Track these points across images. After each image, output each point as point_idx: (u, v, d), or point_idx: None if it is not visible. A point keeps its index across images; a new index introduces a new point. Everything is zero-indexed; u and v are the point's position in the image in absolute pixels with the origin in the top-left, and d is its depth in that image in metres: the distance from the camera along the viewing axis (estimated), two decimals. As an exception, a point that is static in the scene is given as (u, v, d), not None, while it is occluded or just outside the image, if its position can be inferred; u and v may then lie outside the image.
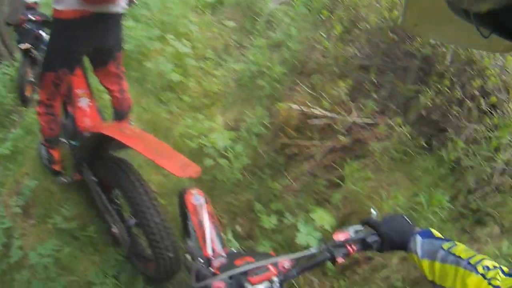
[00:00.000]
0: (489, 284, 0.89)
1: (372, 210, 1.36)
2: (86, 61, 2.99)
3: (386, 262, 2.48)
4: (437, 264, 1.04)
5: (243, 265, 1.26)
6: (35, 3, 6.56)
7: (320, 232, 2.59)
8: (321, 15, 3.87)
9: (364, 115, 3.04)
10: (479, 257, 0.97)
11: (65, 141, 3.16)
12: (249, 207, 3.18)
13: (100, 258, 3.05)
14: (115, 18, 2.65)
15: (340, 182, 2.82)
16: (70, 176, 3.17)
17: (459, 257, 0.99)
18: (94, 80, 3.16)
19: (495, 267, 0.93)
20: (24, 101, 6.00)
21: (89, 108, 2.97)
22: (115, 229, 2.74)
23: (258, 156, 3.34)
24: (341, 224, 2.73)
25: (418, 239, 1.14)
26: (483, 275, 0.91)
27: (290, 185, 3.17)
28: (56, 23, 2.60)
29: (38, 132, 3.12)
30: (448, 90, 2.82)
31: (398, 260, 2.45)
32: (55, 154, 3.11)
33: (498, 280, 0.89)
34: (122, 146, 2.34)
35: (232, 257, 1.50)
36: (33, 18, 5.98)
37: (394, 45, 3.31)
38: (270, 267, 1.23)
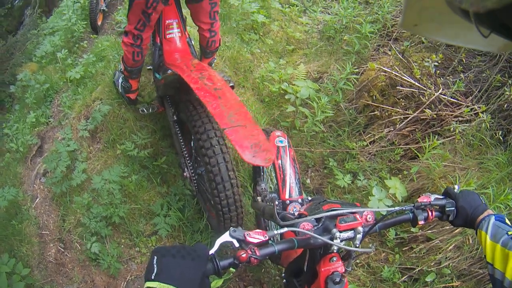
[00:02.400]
0: None
1: (455, 186, 1.39)
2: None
3: (442, 246, 2.45)
4: (498, 247, 1.08)
5: (330, 210, 1.24)
6: None
7: (391, 200, 2.55)
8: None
9: (449, 93, 2.94)
10: None
11: (152, 70, 3.05)
12: (323, 162, 3.09)
13: (167, 190, 3.08)
14: None
15: (418, 154, 2.74)
16: (152, 107, 3.08)
17: None
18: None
19: None
20: (95, 29, 5.95)
21: (179, 41, 2.77)
22: (186, 173, 2.69)
23: (339, 112, 3.21)
24: (411, 197, 2.70)
25: (492, 219, 1.19)
26: None
27: (367, 147, 3.06)
28: None
29: (120, 60, 3.01)
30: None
31: (453, 247, 2.43)
32: (134, 84, 3.04)
33: None
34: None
35: (316, 202, 1.48)
36: None
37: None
38: (357, 216, 1.23)
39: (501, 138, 2.73)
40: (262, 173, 2.48)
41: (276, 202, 2.00)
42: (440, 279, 2.42)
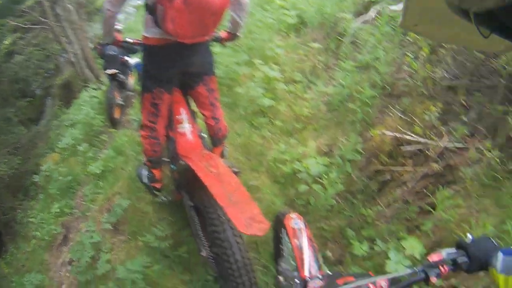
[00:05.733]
0: None
1: (468, 235, 1.39)
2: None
3: None
4: (510, 279, 1.10)
5: (345, 284, 1.30)
6: (119, 30, 6.91)
7: (410, 261, 2.51)
8: (407, 37, 3.78)
9: (455, 139, 2.92)
10: None
11: (167, 162, 3.25)
12: (341, 233, 3.10)
13: (189, 278, 3.09)
14: (201, 45, 2.73)
15: (431, 210, 2.71)
16: (169, 196, 3.27)
17: None
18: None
19: None
20: (113, 123, 6.33)
21: (190, 134, 3.00)
22: (203, 253, 2.78)
23: (351, 182, 3.25)
24: (431, 251, 2.64)
25: (500, 255, 1.19)
26: None
27: (382, 212, 3.06)
28: (145, 49, 2.79)
29: (142, 152, 3.24)
30: (537, 111, 2.65)
31: None
32: (157, 173, 3.21)
33: None
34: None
35: (332, 277, 1.57)
36: (131, 40, 6.33)
37: (480, 63, 3.18)
38: (370, 285, 1.26)
39: (513, 169, 2.67)
40: (282, 253, 2.51)
41: (297, 281, 2.03)
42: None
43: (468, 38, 0.64)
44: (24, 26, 12.40)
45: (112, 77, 6.55)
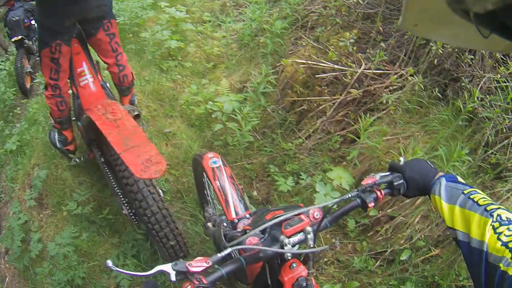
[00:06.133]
0: (498, 239, 0.88)
1: (400, 158, 1.32)
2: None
3: (407, 220, 2.39)
4: (457, 209, 1.03)
5: (273, 218, 1.18)
6: None
7: (339, 192, 2.48)
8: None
9: (374, 65, 2.86)
10: (495, 206, 0.97)
11: (75, 120, 3.09)
12: (264, 170, 3.07)
13: (119, 240, 3.01)
14: None
15: (355, 138, 2.68)
16: (83, 155, 3.11)
17: (477, 203, 0.99)
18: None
19: (508, 219, 0.92)
20: (25, 92, 6.03)
21: (93, 85, 2.85)
22: (125, 211, 2.69)
23: (268, 116, 3.20)
24: (359, 182, 2.63)
25: (443, 182, 1.12)
26: (494, 227, 0.91)
27: (304, 144, 3.03)
28: (37, 1, 2.57)
29: (49, 115, 3.05)
30: (459, 36, 2.64)
31: (420, 219, 2.37)
32: (68, 134, 3.05)
33: (505, 236, 0.89)
34: None
35: (260, 214, 1.44)
36: None
37: (397, -11, 3.11)
38: (303, 217, 1.18)
39: (440, 95, 2.66)
40: (208, 198, 2.46)
41: (225, 224, 1.97)
42: (417, 253, 2.35)
43: (468, 38, 0.62)
44: None
45: (19, 44, 6.22)
